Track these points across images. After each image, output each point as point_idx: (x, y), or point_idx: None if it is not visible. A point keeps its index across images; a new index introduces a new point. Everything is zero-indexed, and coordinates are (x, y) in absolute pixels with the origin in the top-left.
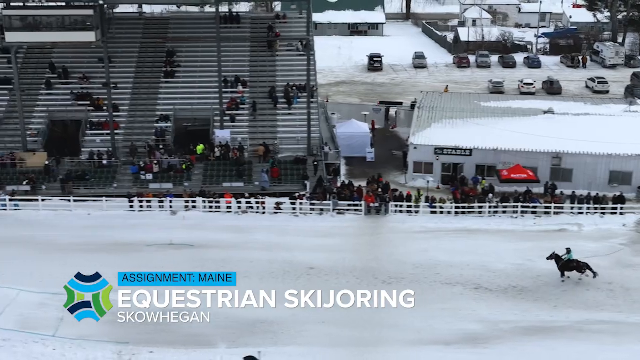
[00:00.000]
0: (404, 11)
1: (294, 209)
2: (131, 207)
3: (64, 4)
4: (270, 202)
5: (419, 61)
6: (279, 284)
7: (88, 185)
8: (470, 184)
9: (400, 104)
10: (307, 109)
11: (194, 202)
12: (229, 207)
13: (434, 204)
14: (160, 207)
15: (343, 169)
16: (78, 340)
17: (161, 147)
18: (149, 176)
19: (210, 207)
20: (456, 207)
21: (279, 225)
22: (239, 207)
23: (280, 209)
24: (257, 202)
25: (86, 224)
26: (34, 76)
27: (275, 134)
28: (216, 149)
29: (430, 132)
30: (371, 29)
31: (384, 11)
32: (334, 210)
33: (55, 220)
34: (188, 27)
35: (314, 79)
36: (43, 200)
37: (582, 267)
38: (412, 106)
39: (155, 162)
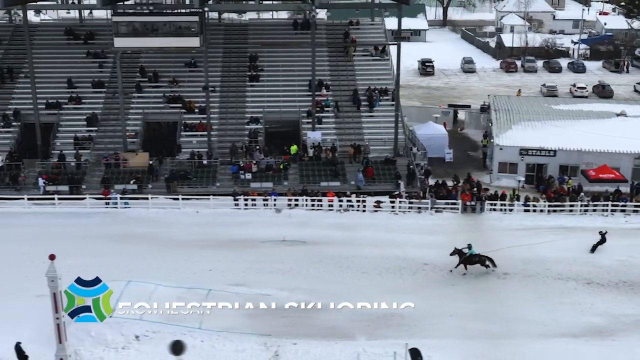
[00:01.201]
0: (441, 18)
1: (393, 207)
2: (236, 205)
3: (169, 10)
4: (370, 200)
5: (469, 66)
6: (397, 279)
7: (191, 184)
8: (556, 183)
9: (468, 106)
10: (394, 111)
11: (296, 200)
12: (330, 206)
13: (527, 203)
14: (264, 205)
15: None
16: (223, 332)
17: (257, 147)
18: (248, 175)
19: (313, 205)
20: (549, 206)
21: (382, 222)
22: (340, 206)
23: (379, 207)
24: (358, 201)
25: (196, 221)
26: (125, 80)
27: (361, 135)
28: (309, 150)
29: (513, 133)
30: (414, 35)
31: (426, 18)
32: (431, 208)
33: (166, 217)
34: (266, 32)
35: (391, 82)
36: (149, 198)
37: (484, 260)
38: (482, 109)
39: (254, 162)
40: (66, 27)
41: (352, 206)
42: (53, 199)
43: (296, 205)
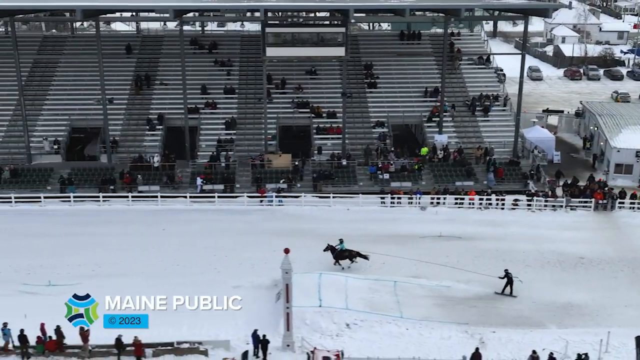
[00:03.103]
0: (491, 29)
1: (529, 205)
2: (382, 203)
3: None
4: (508, 199)
5: (536, 74)
6: (561, 273)
7: (334, 183)
8: None
9: (562, 111)
10: (509, 115)
11: (439, 198)
12: (470, 204)
13: None
14: (409, 203)
15: None
16: (424, 321)
17: (391, 149)
18: (386, 175)
19: (455, 203)
20: None
21: (523, 219)
22: (480, 203)
23: (517, 205)
24: (497, 199)
25: (350, 217)
26: (254, 86)
27: (480, 138)
28: (438, 151)
29: (626, 136)
30: None
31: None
32: (566, 206)
33: (320, 214)
34: (376, 43)
35: (499, 88)
36: (298, 196)
37: (353, 255)
38: (577, 114)
39: (391, 162)
40: (191, 37)
41: (491, 204)
42: (213, 197)
43: (438, 203)
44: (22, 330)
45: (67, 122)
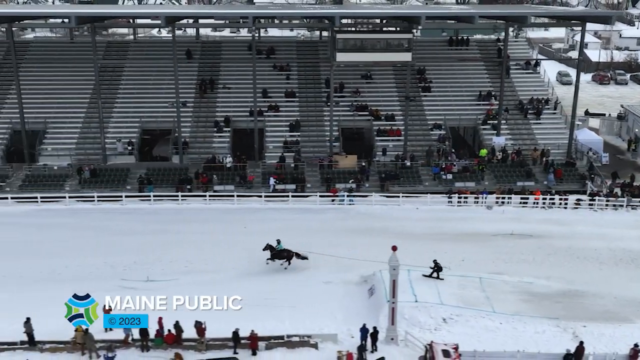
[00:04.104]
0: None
1: (591, 204)
2: (450, 202)
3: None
4: (571, 199)
5: (566, 79)
6: (634, 270)
7: (399, 183)
8: None
9: (603, 114)
10: (572, 118)
11: (504, 198)
12: (534, 203)
13: None
14: (475, 202)
15: None
16: (516, 315)
17: (452, 150)
18: (449, 176)
19: (519, 202)
20: None
21: (588, 218)
22: (544, 203)
23: (579, 204)
24: (560, 199)
25: (421, 216)
26: (313, 90)
27: (534, 140)
28: (497, 153)
29: None
30: None
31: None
32: (627, 205)
33: (391, 213)
34: (426, 48)
35: (547, 92)
36: (366, 196)
37: (291, 255)
38: (619, 117)
39: (453, 163)
40: (249, 43)
41: (554, 204)
42: (286, 196)
43: (503, 202)
44: None
45: (138, 124)
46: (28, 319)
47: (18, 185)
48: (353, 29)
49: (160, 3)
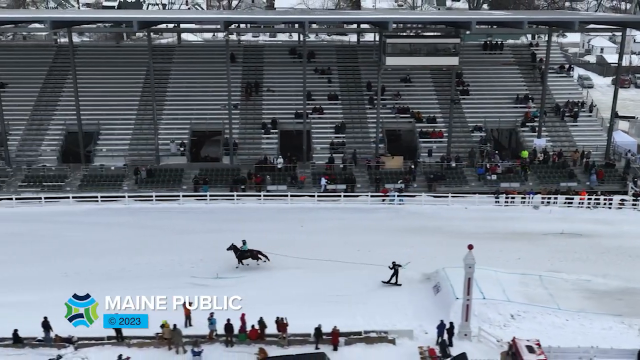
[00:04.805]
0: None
1: (635, 204)
2: (497, 202)
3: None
4: (615, 199)
5: (587, 82)
6: None
7: (445, 184)
8: None
9: (634, 117)
10: (611, 120)
11: (549, 198)
12: (579, 203)
13: None
14: (521, 202)
15: None
16: (581, 312)
17: (496, 152)
18: (494, 176)
19: (564, 202)
20: None
21: (633, 218)
22: (589, 203)
23: (623, 204)
24: (605, 199)
25: (470, 216)
26: (355, 92)
27: (572, 142)
28: (539, 154)
29: None
30: None
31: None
32: None
33: (440, 213)
34: (463, 53)
35: (582, 95)
36: (414, 196)
37: (255, 255)
38: None
39: (497, 164)
40: (290, 47)
41: (599, 204)
42: (338, 196)
43: (549, 202)
44: (228, 320)
45: (188, 126)
46: None
47: (77, 185)
48: (402, 33)
49: (186, 8)
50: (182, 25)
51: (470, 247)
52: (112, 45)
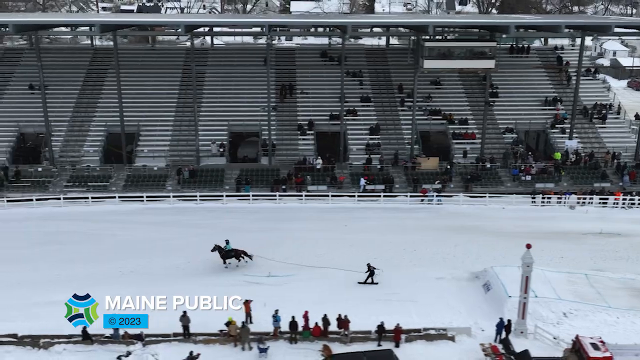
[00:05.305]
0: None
1: None
2: (533, 202)
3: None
4: None
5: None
6: None
7: (481, 184)
8: None
9: None
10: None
11: (585, 198)
12: (614, 203)
13: None
14: (557, 202)
15: None
16: (631, 310)
17: (530, 153)
18: (528, 177)
19: (599, 202)
20: None
21: None
22: (624, 203)
23: None
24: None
25: (509, 215)
26: (387, 95)
27: (602, 144)
28: (571, 155)
29: None
30: None
31: None
32: None
33: (479, 212)
34: None
35: (609, 98)
36: (451, 196)
37: (239, 254)
38: None
39: (532, 165)
40: (321, 50)
41: (634, 204)
42: (377, 196)
43: (584, 202)
44: (293, 317)
45: (226, 127)
46: (184, 312)
47: (122, 185)
48: (439, 37)
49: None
50: (219, 29)
51: (529, 246)
52: (148, 48)
